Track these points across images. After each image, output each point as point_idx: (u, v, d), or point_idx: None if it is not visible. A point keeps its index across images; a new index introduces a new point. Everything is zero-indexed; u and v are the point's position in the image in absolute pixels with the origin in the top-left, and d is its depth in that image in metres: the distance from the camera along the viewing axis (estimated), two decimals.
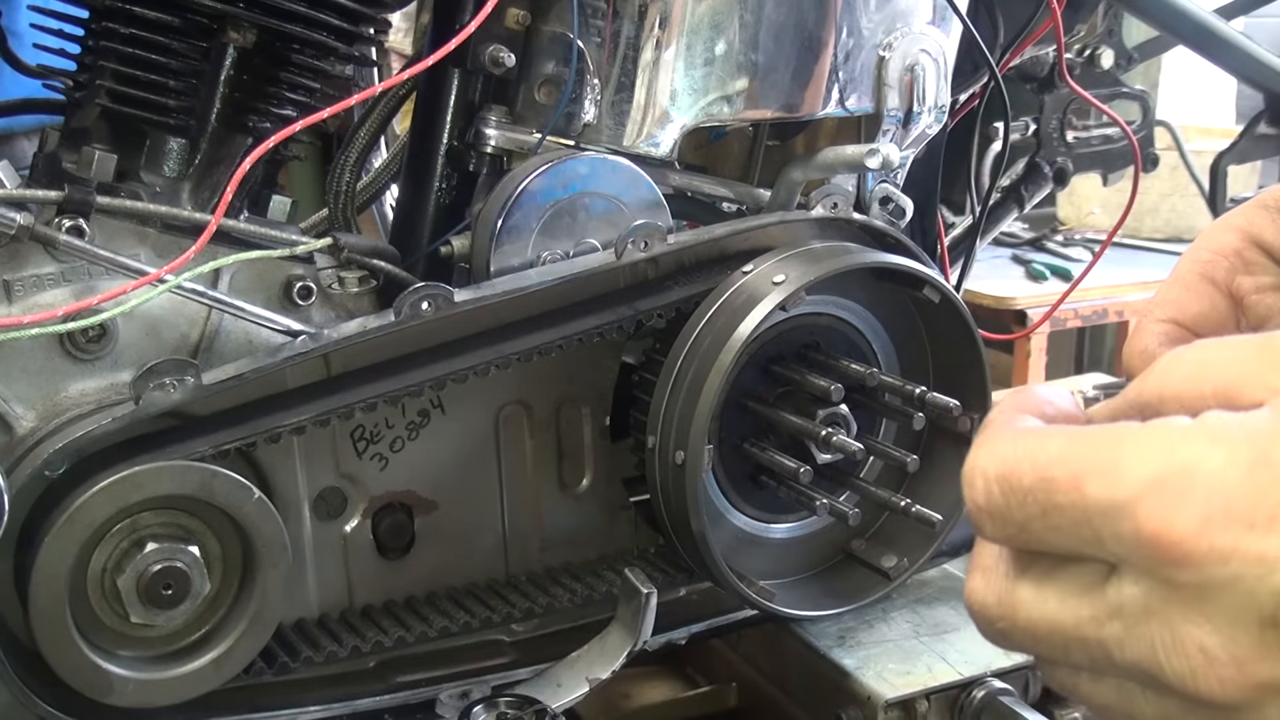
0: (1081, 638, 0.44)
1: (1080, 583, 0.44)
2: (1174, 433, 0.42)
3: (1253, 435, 0.41)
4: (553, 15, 1.17)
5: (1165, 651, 0.41)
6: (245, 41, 1.06)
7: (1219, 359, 0.45)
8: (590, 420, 1.22)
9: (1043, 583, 0.45)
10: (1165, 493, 0.41)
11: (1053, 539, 0.44)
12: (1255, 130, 1.78)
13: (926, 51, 1.23)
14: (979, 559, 0.48)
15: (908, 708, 1.11)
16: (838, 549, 1.23)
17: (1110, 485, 0.42)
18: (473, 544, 1.19)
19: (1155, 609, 0.42)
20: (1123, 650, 0.43)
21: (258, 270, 1.09)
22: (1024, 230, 3.37)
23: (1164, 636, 0.41)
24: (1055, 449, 0.44)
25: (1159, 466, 0.41)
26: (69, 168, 1.03)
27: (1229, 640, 0.40)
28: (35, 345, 1.01)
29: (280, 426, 1.02)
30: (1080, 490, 0.42)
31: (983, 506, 0.46)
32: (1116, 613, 0.43)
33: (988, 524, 0.46)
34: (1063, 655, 0.46)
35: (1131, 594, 0.42)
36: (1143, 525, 0.41)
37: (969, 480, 0.46)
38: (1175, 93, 3.65)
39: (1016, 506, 0.44)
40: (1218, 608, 0.40)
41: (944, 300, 1.14)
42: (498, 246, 1.12)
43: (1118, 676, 0.45)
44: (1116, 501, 0.42)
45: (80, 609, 0.98)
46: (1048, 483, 0.43)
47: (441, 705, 1.12)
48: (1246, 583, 0.40)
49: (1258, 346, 0.44)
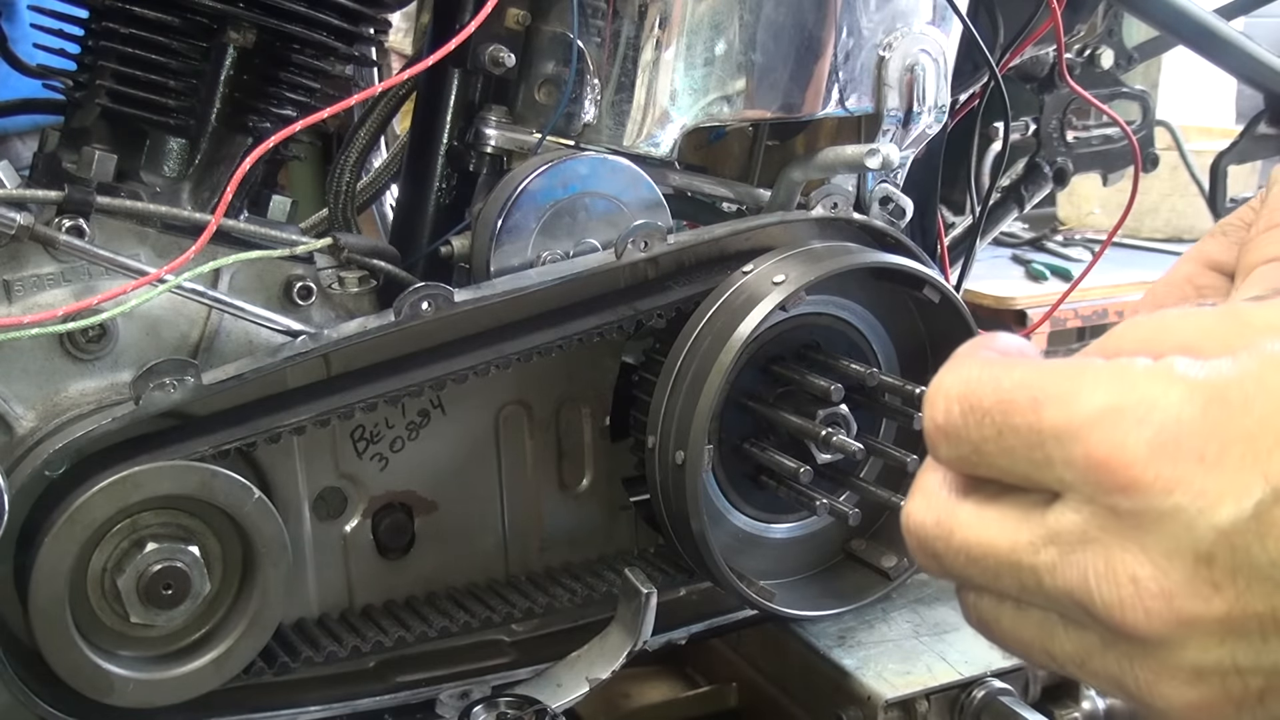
0: (1014, 562, 0.44)
1: (1022, 508, 0.44)
2: (1135, 368, 0.43)
3: (1212, 377, 0.41)
4: (553, 15, 1.17)
5: (1097, 578, 0.41)
6: (245, 41, 1.06)
7: (1179, 321, 0.45)
8: (590, 420, 1.22)
9: (984, 506, 0.46)
10: (1119, 421, 0.41)
11: (1004, 462, 0.44)
12: (1255, 130, 1.78)
13: (926, 51, 1.23)
14: (921, 483, 0.48)
15: (908, 708, 1.11)
16: (838, 549, 1.23)
17: (1066, 411, 0.42)
18: (473, 544, 1.19)
19: (1093, 536, 0.42)
20: (1054, 577, 0.43)
21: (258, 270, 1.09)
22: (1024, 230, 3.36)
23: (1098, 564, 0.41)
24: (1019, 374, 0.44)
25: (1116, 397, 0.42)
26: (69, 168, 1.03)
27: (1161, 572, 0.40)
28: (35, 345, 1.01)
29: (280, 426, 1.02)
30: (1037, 414, 0.43)
31: (941, 425, 0.46)
32: (1054, 538, 0.43)
33: (943, 444, 0.46)
34: (992, 581, 0.46)
35: (1072, 520, 0.42)
36: (1093, 450, 0.41)
37: (930, 399, 0.47)
38: (1175, 93, 3.64)
39: (974, 426, 0.45)
40: (1155, 538, 0.40)
41: (944, 300, 1.14)
42: (498, 246, 1.12)
43: (1044, 607, 0.45)
44: (1071, 426, 0.42)
45: (80, 609, 0.98)
46: (1007, 404, 0.44)
47: (441, 705, 1.12)
48: (1187, 515, 0.40)
49: (1219, 312, 0.45)
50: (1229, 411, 0.40)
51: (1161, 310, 0.46)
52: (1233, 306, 0.45)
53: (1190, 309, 0.46)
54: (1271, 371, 0.41)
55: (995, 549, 0.45)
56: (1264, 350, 0.41)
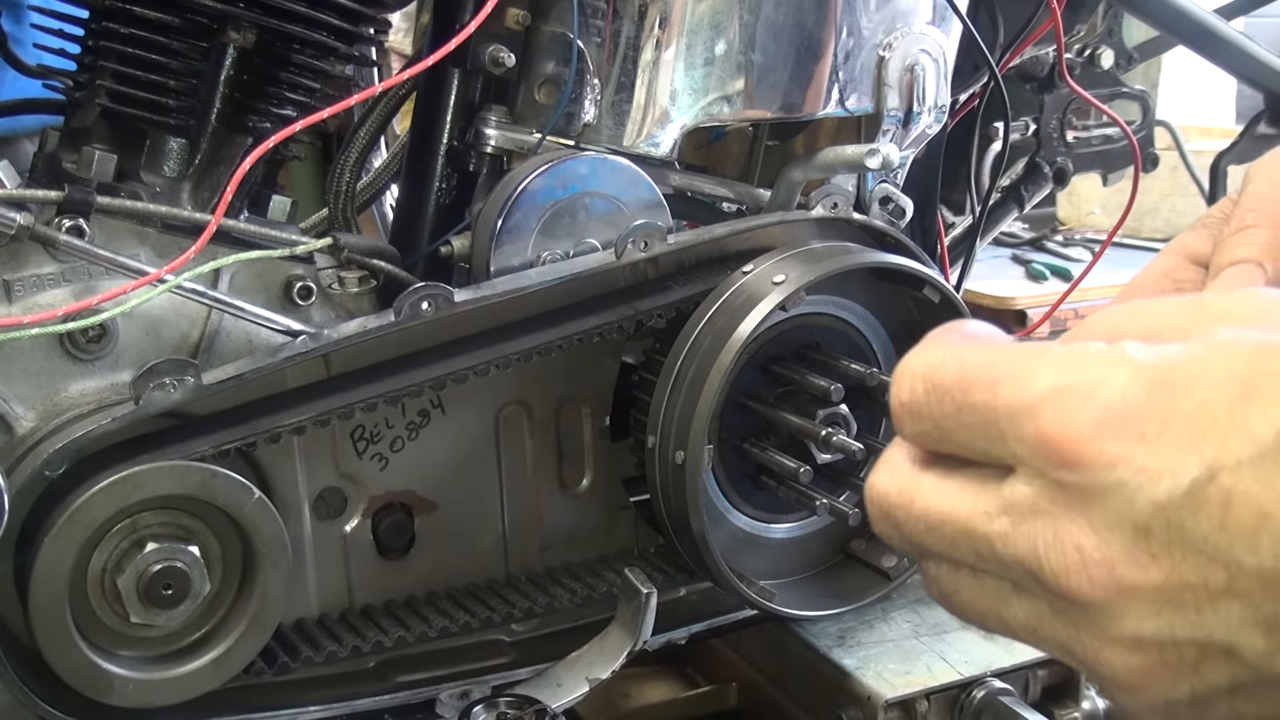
0: (970, 530, 0.47)
1: (979, 480, 0.47)
2: (1087, 351, 0.45)
3: (1159, 361, 0.43)
4: (553, 15, 1.17)
5: (1045, 547, 0.44)
6: (245, 41, 1.06)
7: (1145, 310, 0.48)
8: (590, 420, 1.22)
9: (944, 478, 0.49)
10: (1068, 400, 0.44)
11: (963, 437, 0.47)
12: (1255, 130, 1.78)
13: (926, 51, 1.24)
14: (887, 456, 0.52)
15: (908, 708, 1.11)
16: (838, 549, 1.23)
17: (1020, 389, 0.45)
18: (473, 544, 1.19)
19: (1042, 507, 0.44)
20: (1006, 544, 0.45)
21: (258, 270, 1.09)
22: (1024, 230, 3.36)
23: (1046, 533, 0.44)
24: (979, 355, 0.47)
25: (1067, 377, 0.44)
26: (69, 168, 1.03)
27: (1103, 542, 0.43)
28: (35, 345, 1.01)
29: (280, 426, 1.02)
30: (994, 391, 0.46)
31: (905, 402, 0.49)
32: (1007, 508, 0.45)
33: (907, 420, 0.49)
34: (949, 549, 0.48)
35: (1023, 492, 0.45)
36: (1043, 427, 0.44)
37: (897, 378, 0.50)
38: (1175, 93, 3.64)
39: (935, 403, 0.48)
40: (1098, 510, 0.43)
41: (944, 300, 1.14)
42: (498, 246, 1.12)
43: (997, 574, 0.47)
44: (1024, 404, 0.45)
45: (80, 609, 0.98)
46: (966, 383, 0.47)
47: (441, 705, 1.12)
48: (1127, 490, 0.42)
49: (1183, 302, 0.47)
50: (1171, 394, 0.42)
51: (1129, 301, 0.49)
52: (1196, 296, 0.48)
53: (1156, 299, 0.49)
54: (1216, 357, 0.43)
55: (953, 517, 0.47)
56: (1214, 337, 0.44)
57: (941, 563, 0.50)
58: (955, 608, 0.51)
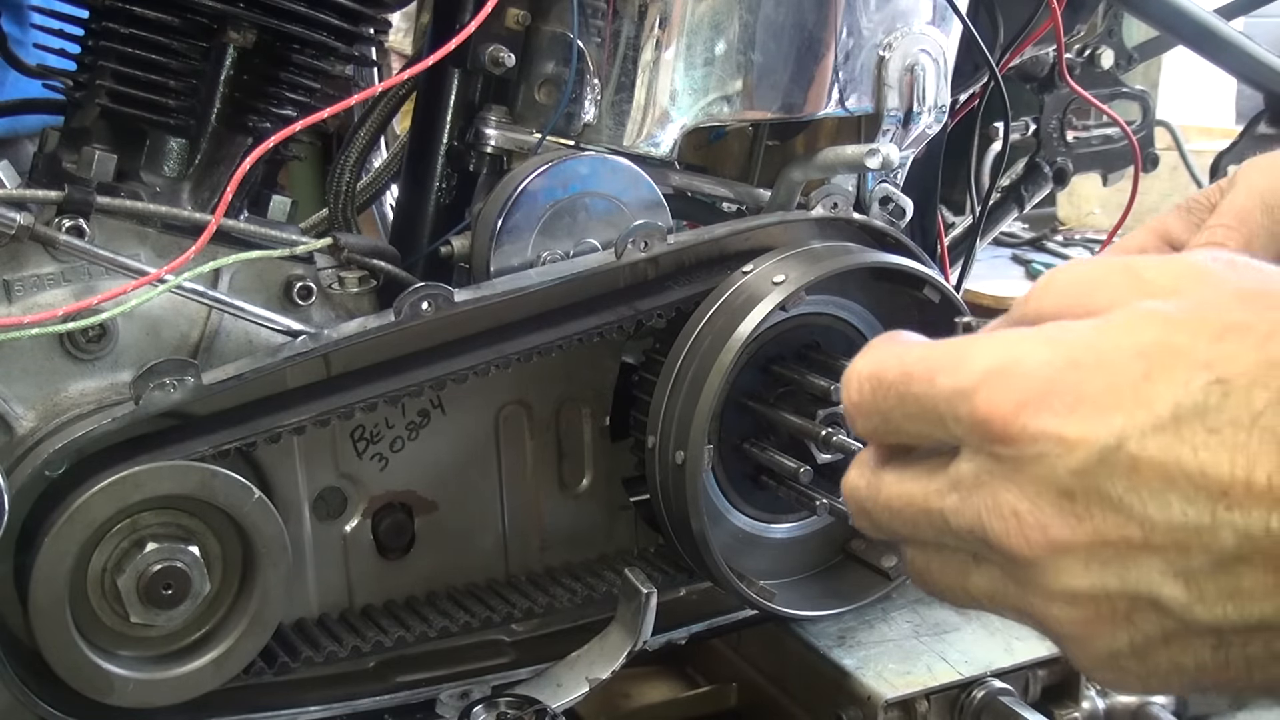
0: (927, 509, 0.51)
1: (930, 465, 0.52)
2: (1013, 336, 0.50)
3: (1075, 338, 0.48)
4: (553, 15, 1.17)
5: (988, 514, 0.49)
6: (245, 41, 1.06)
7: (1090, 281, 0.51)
8: (590, 420, 1.22)
9: (903, 467, 0.54)
10: (996, 382, 0.48)
11: (910, 426, 0.52)
12: (1255, 130, 1.78)
13: (926, 51, 1.24)
14: (859, 457, 0.57)
15: (908, 708, 1.11)
16: (838, 549, 1.23)
17: (955, 376, 0.49)
18: (473, 544, 1.19)
19: (983, 480, 0.49)
20: (958, 517, 0.50)
21: (258, 270, 1.09)
22: (1024, 230, 3.36)
23: (988, 502, 0.49)
24: (918, 351, 0.52)
25: (996, 361, 0.49)
26: (69, 168, 1.03)
27: (1034, 506, 0.47)
28: (35, 345, 1.01)
29: (280, 426, 1.02)
30: (932, 381, 0.50)
31: (855, 402, 0.54)
32: (955, 485, 0.50)
33: (859, 418, 0.54)
34: (913, 530, 0.53)
35: (967, 469, 0.50)
36: (977, 408, 0.48)
37: (846, 381, 0.55)
38: (1175, 93, 3.64)
39: (881, 398, 0.53)
40: (1027, 478, 0.47)
41: (944, 300, 1.14)
42: (498, 246, 1.12)
43: (956, 547, 0.52)
44: (960, 389, 0.49)
45: (80, 609, 0.98)
46: (907, 376, 0.52)
47: (441, 705, 1.12)
48: (1049, 460, 0.46)
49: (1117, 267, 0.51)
50: (1083, 372, 0.47)
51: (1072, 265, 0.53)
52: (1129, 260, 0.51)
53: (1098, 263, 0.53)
54: (1126, 334, 0.47)
55: (912, 499, 0.52)
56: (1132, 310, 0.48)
57: (912, 546, 0.55)
58: (929, 586, 0.55)
